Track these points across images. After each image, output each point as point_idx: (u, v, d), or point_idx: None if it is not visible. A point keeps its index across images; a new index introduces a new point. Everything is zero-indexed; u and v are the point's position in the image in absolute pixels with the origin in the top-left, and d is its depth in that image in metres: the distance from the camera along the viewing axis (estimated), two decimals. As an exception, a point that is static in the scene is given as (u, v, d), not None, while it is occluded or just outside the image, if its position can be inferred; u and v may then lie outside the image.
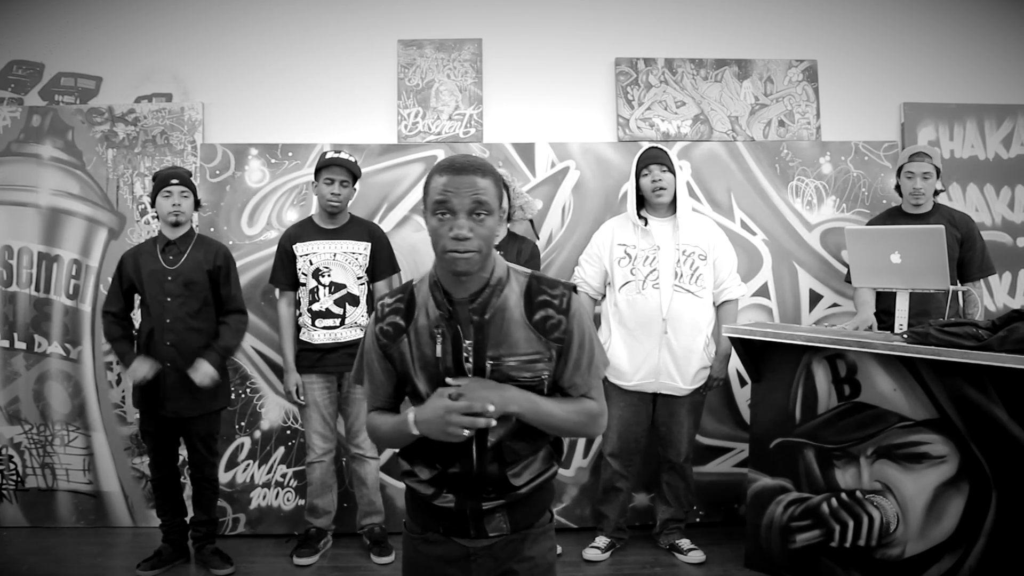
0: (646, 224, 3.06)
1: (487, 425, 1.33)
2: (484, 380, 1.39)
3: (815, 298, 3.59)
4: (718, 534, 3.32)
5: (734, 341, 2.89)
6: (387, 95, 3.66)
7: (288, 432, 3.46)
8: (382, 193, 3.51)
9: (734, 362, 3.19)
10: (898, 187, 3.24)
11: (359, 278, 3.13)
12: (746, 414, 3.47)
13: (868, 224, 3.34)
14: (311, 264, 3.10)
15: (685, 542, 3.13)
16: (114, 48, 3.63)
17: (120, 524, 3.50)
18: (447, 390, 1.36)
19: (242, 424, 3.44)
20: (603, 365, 1.50)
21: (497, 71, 3.67)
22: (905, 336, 2.53)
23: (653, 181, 3.02)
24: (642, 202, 3.10)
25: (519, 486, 1.45)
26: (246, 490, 3.44)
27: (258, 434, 3.45)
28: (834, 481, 2.69)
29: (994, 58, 3.78)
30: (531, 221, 3.38)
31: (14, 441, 3.51)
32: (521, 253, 3.12)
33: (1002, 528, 2.34)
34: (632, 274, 3.03)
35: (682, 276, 3.00)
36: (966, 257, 3.15)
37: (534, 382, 1.42)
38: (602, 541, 3.16)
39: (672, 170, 3.04)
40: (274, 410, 3.47)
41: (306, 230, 3.15)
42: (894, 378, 2.56)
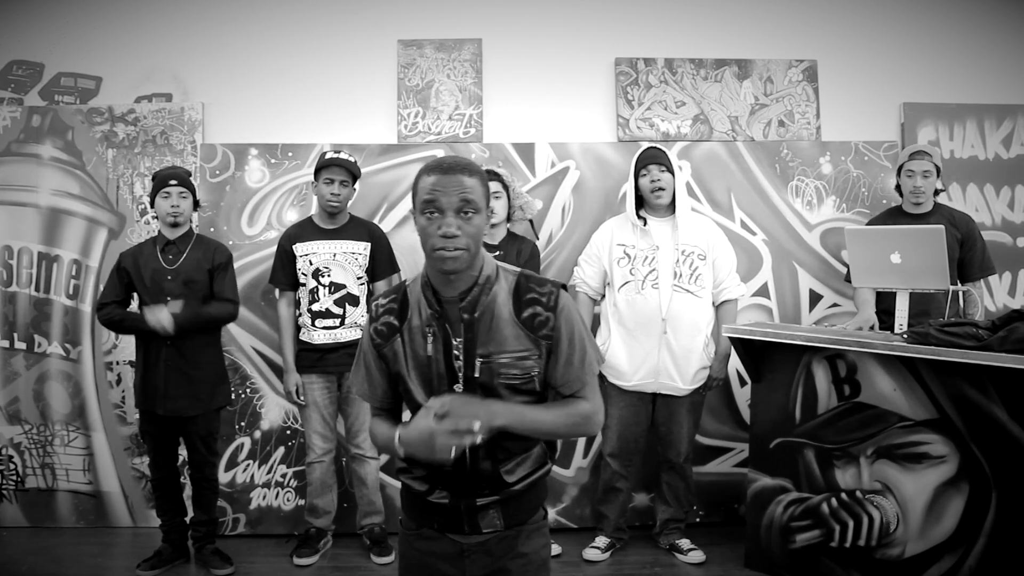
0: (645, 224, 3.06)
1: (473, 443, 1.32)
2: (467, 397, 1.39)
3: (815, 298, 3.59)
4: (718, 534, 3.32)
5: (734, 341, 2.89)
6: (387, 95, 3.66)
7: (288, 432, 3.46)
8: (382, 193, 3.51)
9: (734, 362, 3.19)
10: (898, 187, 3.23)
11: (359, 278, 3.13)
12: (746, 414, 3.47)
13: (868, 224, 3.34)
14: (311, 264, 3.10)
15: (685, 542, 3.13)
16: (114, 48, 3.63)
17: (120, 524, 3.50)
18: (431, 409, 1.32)
19: (242, 424, 3.44)
20: (597, 362, 1.50)
21: (497, 71, 3.67)
22: (905, 336, 2.53)
23: (652, 181, 3.02)
24: (641, 202, 3.10)
25: (512, 483, 1.46)
26: (246, 490, 3.44)
27: (258, 434, 3.46)
28: (834, 481, 2.69)
29: (994, 58, 3.78)
30: (531, 221, 3.37)
31: (14, 441, 3.51)
32: (521, 253, 3.12)
33: (1002, 528, 2.33)
34: (631, 274, 3.03)
35: (681, 276, 2.99)
36: (966, 257, 3.14)
37: (524, 379, 1.43)
38: (602, 541, 3.16)
39: (671, 170, 3.04)
40: (274, 410, 3.47)
41: (306, 230, 3.16)
42: (894, 378, 2.56)
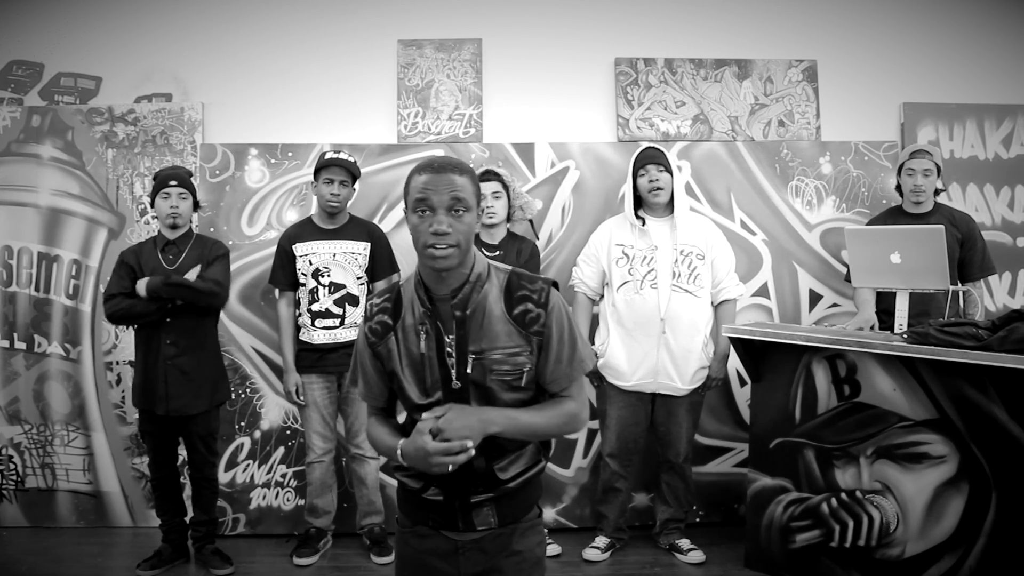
0: (644, 224, 3.06)
1: (468, 459, 1.36)
2: (462, 407, 1.41)
3: (815, 298, 3.59)
4: (718, 534, 3.32)
5: (734, 341, 2.89)
6: (387, 95, 3.66)
7: (288, 432, 3.46)
8: (382, 193, 3.51)
9: (734, 362, 3.19)
10: (899, 187, 3.23)
11: (359, 278, 3.13)
12: (746, 414, 3.47)
13: (868, 223, 3.34)
14: (311, 264, 3.10)
15: (685, 542, 3.13)
16: (114, 48, 3.63)
17: (120, 524, 3.50)
18: (426, 425, 1.37)
19: (242, 424, 3.44)
20: (588, 360, 1.52)
21: (497, 71, 3.67)
22: (905, 336, 2.53)
23: (650, 181, 3.01)
24: (640, 202, 3.10)
25: (506, 480, 1.47)
26: (246, 490, 3.44)
27: (258, 434, 3.46)
28: (834, 481, 2.69)
29: (994, 58, 3.78)
30: (531, 221, 3.37)
31: (14, 441, 3.51)
32: (521, 253, 3.12)
33: (1002, 528, 2.33)
34: (630, 274, 3.03)
35: (680, 276, 2.99)
36: (967, 257, 3.14)
37: (516, 375, 1.45)
38: (602, 541, 3.16)
39: (669, 170, 3.04)
40: (274, 410, 3.47)
41: (306, 230, 3.16)
42: (894, 378, 2.56)
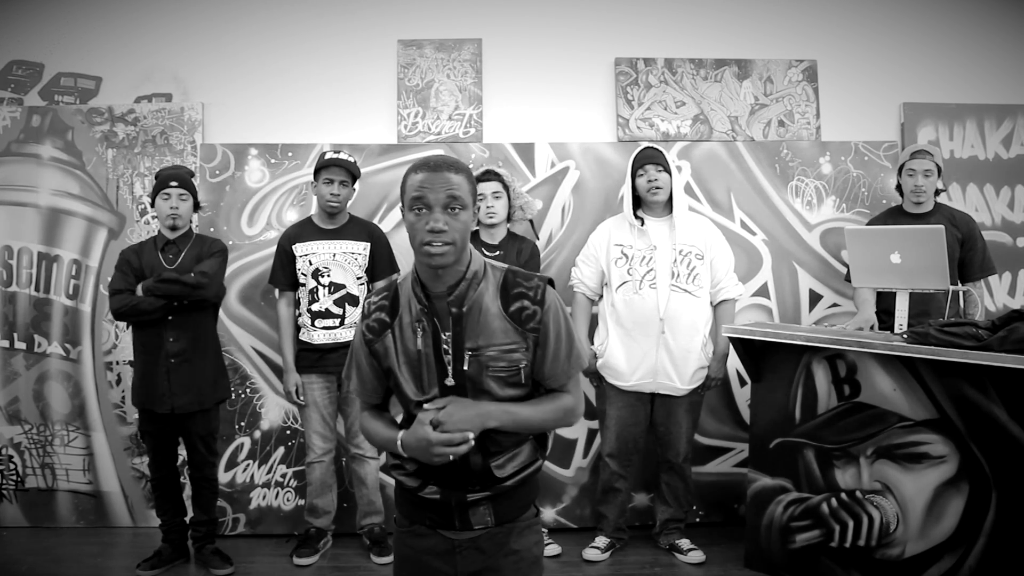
0: (642, 224, 3.06)
1: (468, 449, 1.39)
2: (462, 400, 1.44)
3: (815, 298, 3.59)
4: (718, 534, 3.32)
5: (734, 341, 2.89)
6: (387, 95, 3.66)
7: (288, 432, 3.46)
8: (382, 193, 3.51)
9: (734, 362, 3.18)
10: (899, 187, 3.23)
11: (359, 278, 3.13)
12: (746, 414, 3.47)
13: (869, 223, 3.34)
14: (311, 264, 3.10)
15: (685, 542, 3.13)
16: (114, 48, 3.63)
17: (120, 524, 3.50)
18: (427, 416, 1.40)
19: (242, 424, 3.44)
20: (585, 356, 1.55)
21: (497, 71, 3.67)
22: (905, 336, 2.53)
23: (649, 181, 3.01)
24: (639, 202, 3.10)
25: (503, 478, 1.47)
26: (246, 490, 3.44)
27: (258, 434, 3.45)
28: (834, 481, 2.69)
29: (994, 58, 3.78)
30: (531, 221, 3.37)
31: (14, 441, 3.51)
32: (521, 253, 3.12)
33: (1002, 528, 2.33)
34: (629, 274, 3.03)
35: (679, 276, 2.99)
36: (967, 257, 3.14)
37: (512, 371, 1.46)
38: (602, 541, 3.16)
39: (668, 170, 3.04)
40: (274, 410, 3.47)
41: (305, 230, 3.16)
42: (894, 378, 2.56)
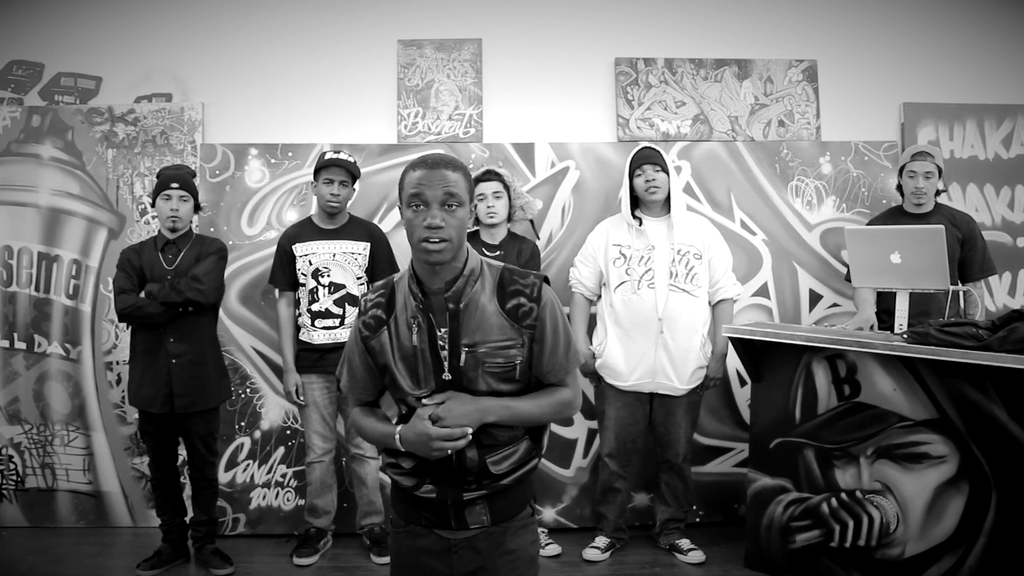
0: (640, 224, 3.06)
1: (466, 444, 1.42)
2: (460, 395, 1.45)
3: (815, 298, 3.59)
4: (718, 534, 3.32)
5: (734, 341, 2.89)
6: (387, 95, 3.66)
7: (288, 432, 3.46)
8: (382, 193, 3.51)
9: (734, 362, 3.19)
10: (899, 187, 3.23)
11: (359, 278, 3.13)
12: (746, 414, 3.47)
13: (869, 223, 3.34)
14: (310, 264, 3.10)
15: (685, 542, 3.13)
16: (114, 48, 3.63)
17: (120, 524, 3.50)
18: (426, 411, 1.43)
19: (242, 424, 3.44)
20: (581, 352, 1.54)
21: (497, 71, 3.67)
22: (905, 336, 2.53)
23: (647, 181, 3.01)
24: (636, 202, 3.10)
25: (499, 475, 1.48)
26: (246, 490, 3.44)
27: (258, 434, 3.45)
28: (834, 481, 2.69)
29: (994, 58, 3.78)
30: (531, 221, 3.37)
31: (14, 441, 3.51)
32: (521, 253, 3.11)
33: (1002, 528, 2.33)
34: (627, 274, 3.03)
35: (677, 275, 2.99)
36: (967, 257, 3.14)
37: (508, 368, 1.47)
38: (602, 541, 3.16)
39: (665, 169, 3.04)
40: (274, 410, 3.47)
41: (305, 230, 3.16)
42: (894, 378, 2.56)
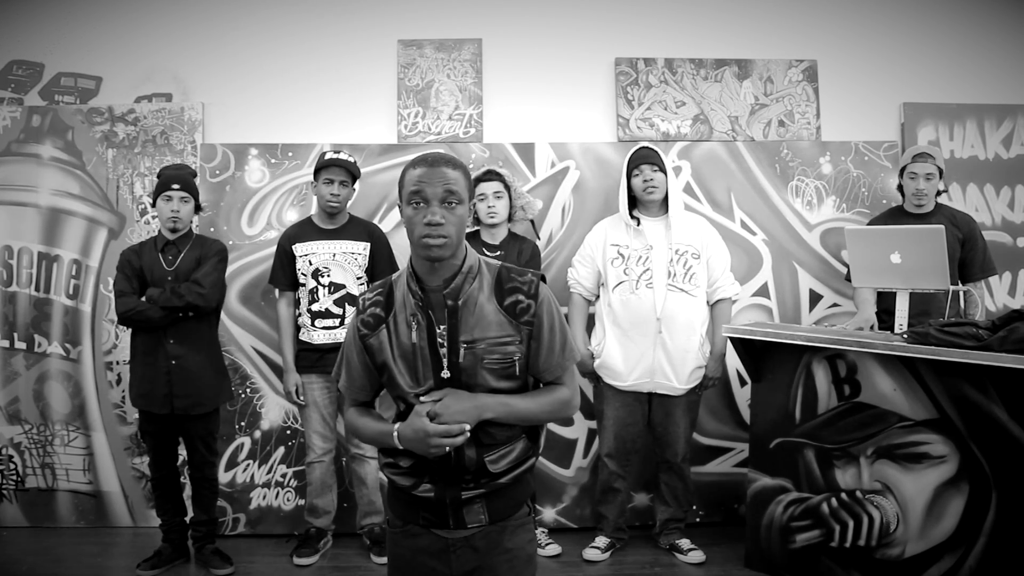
0: (638, 224, 3.06)
1: (464, 441, 1.41)
2: (458, 392, 1.45)
3: (815, 298, 3.59)
4: (718, 534, 3.32)
5: (734, 341, 2.89)
6: (387, 95, 3.66)
7: (288, 432, 3.46)
8: (382, 193, 3.51)
9: (734, 362, 3.18)
10: (900, 187, 3.23)
11: (359, 278, 3.13)
12: (746, 414, 3.47)
13: (869, 223, 3.34)
14: (310, 264, 3.10)
15: (685, 542, 3.13)
16: (114, 48, 3.63)
17: (120, 524, 3.50)
18: (424, 408, 1.42)
19: (242, 424, 3.44)
20: (577, 351, 1.59)
21: (497, 71, 3.67)
22: (905, 336, 2.53)
23: (644, 181, 3.01)
24: (634, 202, 3.10)
25: (497, 473, 1.48)
26: (246, 490, 3.44)
27: (258, 434, 3.46)
28: (834, 481, 2.69)
29: (994, 58, 3.78)
30: (532, 221, 3.37)
31: (14, 441, 3.51)
32: (522, 253, 3.11)
33: (1002, 528, 2.34)
34: (625, 274, 3.03)
35: (675, 275, 2.99)
36: (967, 257, 3.14)
37: (507, 364, 1.47)
38: (602, 541, 3.16)
39: (663, 169, 3.04)
40: (274, 410, 3.47)
41: (305, 230, 3.16)
42: (894, 378, 2.56)
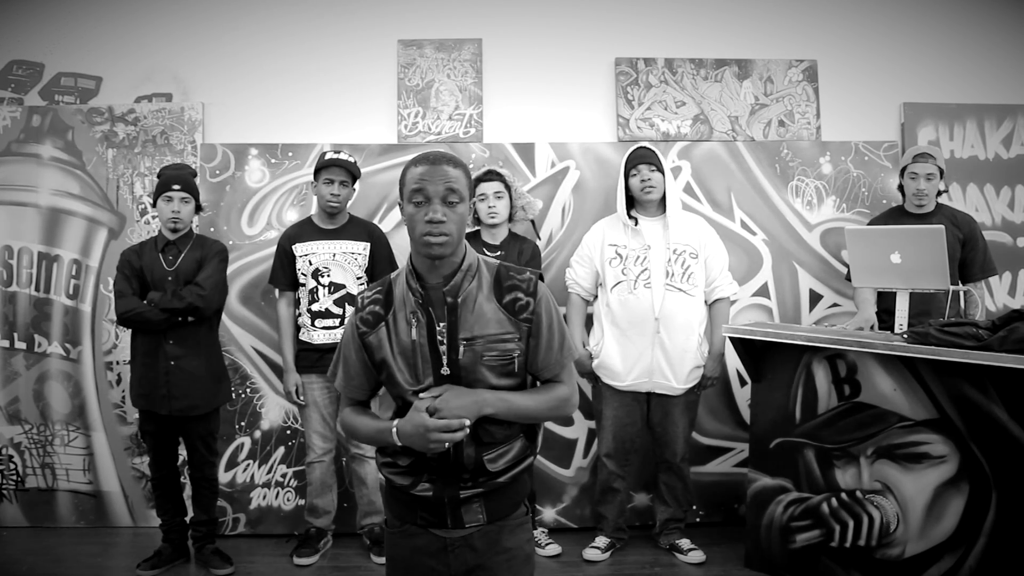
0: (636, 224, 3.06)
1: (463, 437, 1.41)
2: (458, 388, 1.45)
3: (815, 298, 3.59)
4: (718, 534, 3.32)
5: (734, 341, 2.89)
6: (387, 95, 3.66)
7: (288, 432, 3.46)
8: (382, 193, 3.51)
9: (734, 362, 3.18)
10: (901, 187, 3.23)
11: (358, 278, 3.13)
12: (746, 414, 3.47)
13: (870, 223, 3.34)
14: (310, 264, 3.10)
15: (685, 542, 3.13)
16: (114, 48, 3.63)
17: (120, 524, 3.50)
18: (424, 403, 1.42)
19: (242, 424, 3.44)
20: (575, 349, 1.61)
21: (497, 71, 3.67)
22: (905, 336, 2.53)
23: (642, 181, 3.02)
24: (632, 202, 3.10)
25: (495, 472, 1.48)
26: (246, 490, 3.44)
27: (258, 434, 3.45)
28: (834, 481, 2.69)
29: (994, 58, 3.78)
30: (532, 221, 3.37)
31: (14, 441, 3.51)
32: (522, 253, 3.12)
33: (1002, 528, 2.34)
34: (623, 274, 3.03)
35: (673, 275, 3.00)
36: (968, 257, 3.14)
37: (506, 361, 1.48)
38: (602, 541, 3.16)
39: (661, 169, 3.04)
40: (274, 410, 3.47)
41: (305, 230, 3.16)
42: (894, 378, 2.56)
